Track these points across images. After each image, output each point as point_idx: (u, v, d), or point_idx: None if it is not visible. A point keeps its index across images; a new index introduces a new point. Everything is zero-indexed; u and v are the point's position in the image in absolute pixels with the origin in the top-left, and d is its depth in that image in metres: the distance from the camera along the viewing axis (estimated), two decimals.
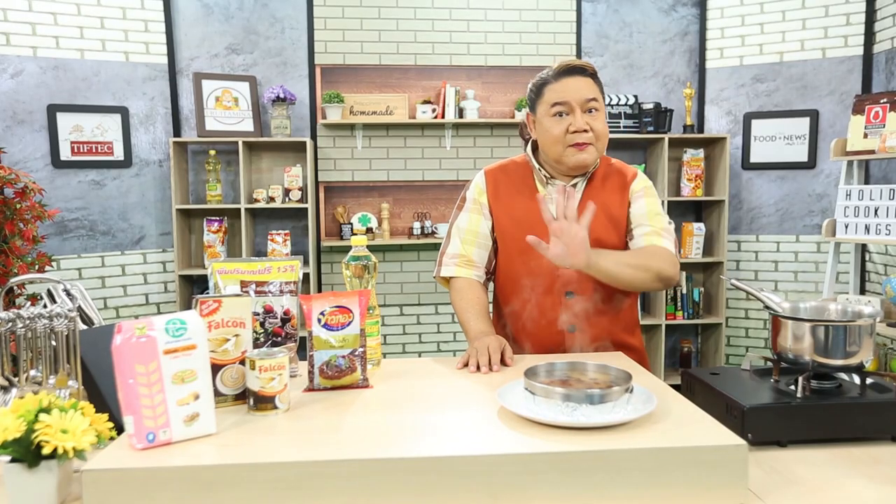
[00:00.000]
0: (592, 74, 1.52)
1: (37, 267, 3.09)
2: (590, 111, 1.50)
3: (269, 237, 3.82)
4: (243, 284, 1.30)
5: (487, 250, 1.62)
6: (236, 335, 1.11)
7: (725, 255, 3.97)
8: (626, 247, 1.58)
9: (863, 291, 3.72)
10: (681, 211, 4.22)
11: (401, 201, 4.07)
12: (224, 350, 1.10)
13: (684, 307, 4.03)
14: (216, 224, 3.78)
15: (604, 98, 1.56)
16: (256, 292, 1.30)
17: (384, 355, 1.37)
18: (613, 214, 1.56)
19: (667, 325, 4.00)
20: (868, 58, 3.76)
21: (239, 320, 1.11)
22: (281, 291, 1.31)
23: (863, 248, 3.74)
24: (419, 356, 4.05)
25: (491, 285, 1.69)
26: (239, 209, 3.75)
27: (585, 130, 1.48)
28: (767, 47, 3.98)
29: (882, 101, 3.07)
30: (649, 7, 4.11)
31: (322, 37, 3.92)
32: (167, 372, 0.93)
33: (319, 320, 1.19)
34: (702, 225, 4.02)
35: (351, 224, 3.93)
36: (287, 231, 3.86)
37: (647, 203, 1.58)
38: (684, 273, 4.06)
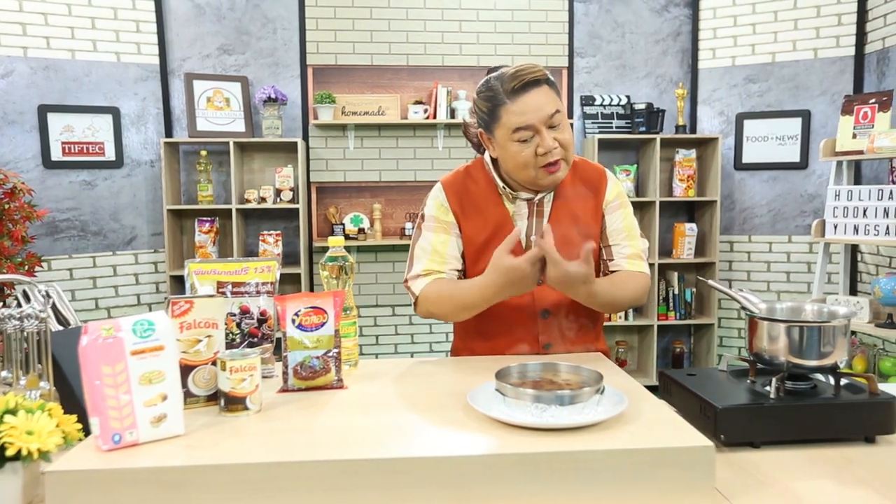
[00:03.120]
0: (547, 81, 1.40)
1: (26, 267, 3.09)
2: (553, 126, 1.38)
3: (261, 237, 3.82)
4: (220, 285, 1.30)
5: (455, 272, 1.51)
6: (209, 336, 1.10)
7: (717, 256, 3.97)
8: (598, 260, 1.55)
9: (855, 292, 3.72)
10: (673, 211, 4.22)
11: (393, 202, 4.07)
12: (196, 351, 1.09)
13: (676, 308, 4.03)
14: (207, 224, 3.78)
15: (561, 99, 1.43)
16: (233, 293, 1.30)
17: (376, 356, 1.37)
18: (584, 228, 1.49)
19: (659, 326, 4.01)
20: (860, 58, 3.76)
21: (212, 321, 1.11)
22: (258, 292, 1.31)
23: (855, 249, 3.74)
24: (412, 356, 4.05)
25: None
26: (230, 209, 3.75)
27: (555, 150, 1.38)
28: (759, 48, 3.99)
29: (871, 101, 3.07)
30: (641, 7, 4.11)
31: (314, 37, 3.92)
32: (134, 373, 0.93)
33: (294, 321, 1.18)
34: (694, 225, 4.02)
35: (343, 224, 3.93)
36: (278, 231, 3.86)
37: (623, 216, 1.54)
38: (676, 274, 4.06)
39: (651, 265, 3.94)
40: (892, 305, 2.84)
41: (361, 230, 3.95)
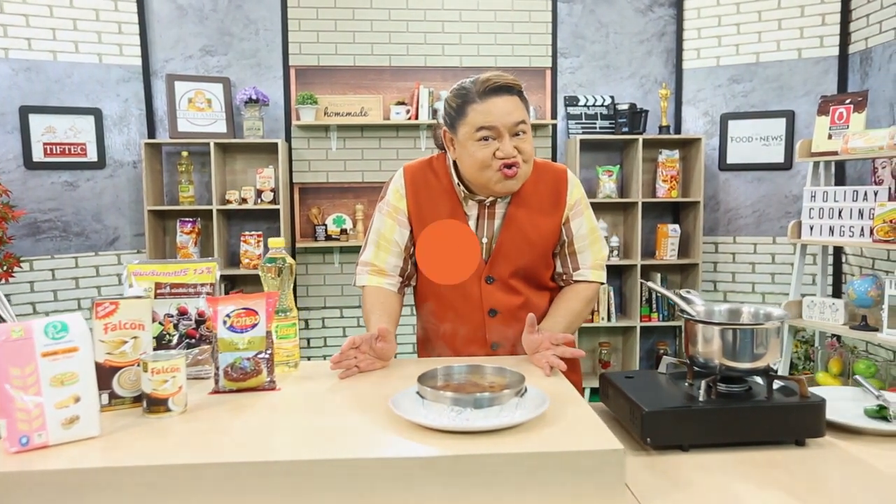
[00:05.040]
0: (519, 92, 1.43)
1: (4, 268, 3.09)
2: (517, 134, 1.41)
3: (242, 238, 3.82)
4: (159, 286, 1.29)
5: (401, 258, 1.57)
6: (135, 337, 1.10)
7: (701, 257, 3.95)
8: (552, 259, 1.57)
9: (838, 294, 3.70)
10: (657, 212, 4.20)
11: (375, 203, 4.04)
12: (122, 352, 1.09)
13: (659, 309, 4.01)
14: (189, 225, 3.78)
15: (529, 115, 1.47)
16: (171, 294, 1.29)
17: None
18: (542, 230, 1.52)
19: (642, 328, 3.99)
20: (844, 58, 3.74)
21: (137, 322, 1.11)
22: (197, 293, 1.31)
23: (839, 251, 3.72)
24: (395, 357, 4.03)
25: (412, 298, 1.66)
26: (211, 210, 3.74)
27: (514, 157, 1.40)
28: (744, 48, 3.97)
29: (846, 101, 3.05)
30: (626, 7, 4.10)
31: (296, 38, 3.92)
32: (45, 374, 0.93)
33: (225, 322, 1.18)
34: (677, 226, 4.01)
35: (325, 225, 3.93)
36: (260, 232, 3.86)
37: (587, 219, 1.56)
38: (659, 275, 4.04)
39: (633, 266, 3.94)
40: (865, 307, 2.82)
41: (344, 231, 3.95)
